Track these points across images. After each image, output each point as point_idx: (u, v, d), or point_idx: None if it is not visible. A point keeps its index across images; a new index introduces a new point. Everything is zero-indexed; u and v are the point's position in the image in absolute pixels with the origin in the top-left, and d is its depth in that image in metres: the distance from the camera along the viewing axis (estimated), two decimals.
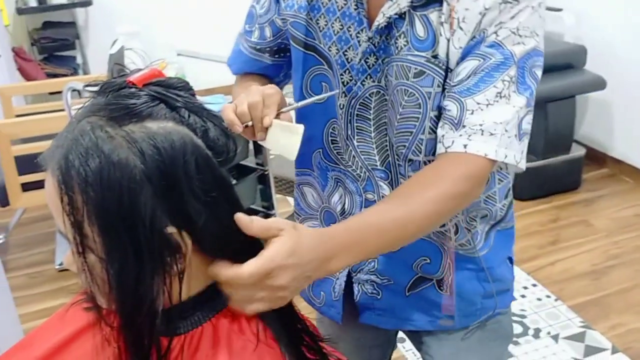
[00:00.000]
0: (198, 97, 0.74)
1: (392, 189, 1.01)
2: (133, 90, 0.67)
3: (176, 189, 0.63)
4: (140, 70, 0.73)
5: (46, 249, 2.90)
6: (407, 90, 0.93)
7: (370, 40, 0.94)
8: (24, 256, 2.89)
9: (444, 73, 0.91)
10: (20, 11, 3.73)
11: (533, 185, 2.98)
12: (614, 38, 3.08)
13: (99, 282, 0.65)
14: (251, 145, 2.31)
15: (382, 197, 1.02)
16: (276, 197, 2.38)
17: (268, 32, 1.07)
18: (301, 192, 1.15)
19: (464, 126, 0.87)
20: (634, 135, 3.14)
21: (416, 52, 0.91)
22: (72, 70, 3.92)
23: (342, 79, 0.98)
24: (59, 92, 2.06)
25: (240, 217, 0.68)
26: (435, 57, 0.90)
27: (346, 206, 1.06)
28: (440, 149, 0.89)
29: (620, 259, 2.61)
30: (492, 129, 0.86)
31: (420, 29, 0.90)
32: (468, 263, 1.07)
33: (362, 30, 0.94)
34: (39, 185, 2.64)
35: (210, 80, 4.17)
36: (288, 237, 0.70)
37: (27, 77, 3.66)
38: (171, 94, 0.67)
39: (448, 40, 0.89)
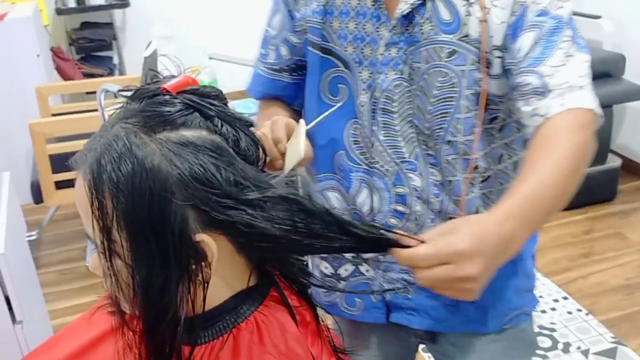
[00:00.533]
0: (230, 101, 0.74)
1: (422, 179, 1.00)
2: (167, 97, 0.67)
3: (208, 196, 0.63)
4: (173, 77, 0.73)
5: (78, 247, 2.95)
6: (441, 71, 0.94)
7: (394, 31, 0.95)
8: (55, 253, 2.94)
9: (477, 50, 0.93)
10: (59, 11, 3.81)
11: None
12: None
13: (124, 287, 0.66)
14: None
15: (414, 189, 1.01)
16: None
17: (284, 51, 1.08)
18: (324, 198, 1.14)
19: (551, 90, 0.87)
20: None
21: (444, 35, 0.93)
22: (109, 70, 3.98)
23: (360, 76, 0.99)
24: (95, 92, 2.10)
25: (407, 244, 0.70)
26: (465, 36, 0.93)
27: (375, 204, 1.05)
28: (536, 121, 0.87)
29: None
30: (579, 83, 0.87)
31: (445, 13, 0.93)
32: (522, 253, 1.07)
33: (380, 24, 0.96)
34: (72, 183, 2.67)
35: (242, 83, 4.20)
36: (466, 225, 0.71)
37: (65, 76, 3.73)
38: (205, 103, 0.68)
39: (481, 21, 0.91)
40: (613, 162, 3.06)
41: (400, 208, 1.03)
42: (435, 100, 0.95)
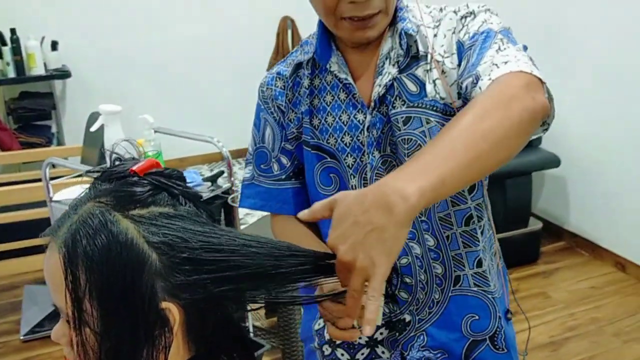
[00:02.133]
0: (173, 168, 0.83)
1: (420, 247, 1.07)
2: (137, 179, 0.76)
3: (176, 266, 0.71)
4: (134, 159, 0.82)
5: (11, 320, 2.88)
6: (405, 138, 1.03)
7: (372, 114, 1.04)
8: None
9: (432, 110, 1.02)
10: None
11: None
12: (567, 119, 3.29)
13: (91, 356, 0.70)
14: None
15: (415, 257, 1.07)
16: None
17: (284, 160, 1.16)
18: None
19: (481, 77, 0.89)
20: (588, 210, 3.31)
21: (411, 104, 1.03)
22: (47, 139, 3.98)
23: (347, 162, 1.08)
24: (33, 162, 2.12)
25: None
26: (423, 100, 1.02)
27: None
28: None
29: (577, 331, 2.71)
30: (506, 59, 0.89)
31: (411, 86, 1.04)
32: (502, 307, 1.13)
33: (357, 112, 1.06)
34: (5, 255, 2.65)
35: (181, 151, 4.28)
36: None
37: (2, 145, 3.71)
38: (171, 183, 0.77)
39: (438, 79, 1.01)
40: (535, 225, 3.27)
41: (407, 280, 1.09)
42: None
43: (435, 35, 1.03)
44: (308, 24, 4.58)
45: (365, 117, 1.05)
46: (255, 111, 1.19)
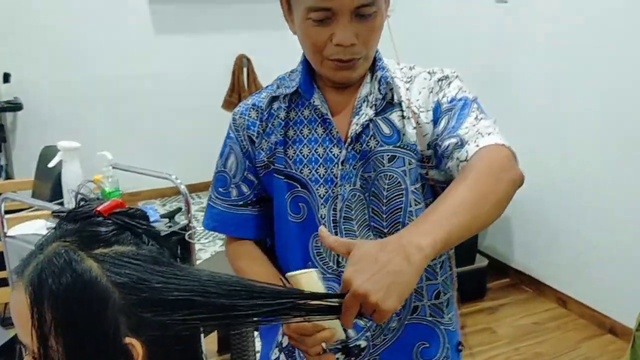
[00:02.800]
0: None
1: None
2: (101, 219, 0.79)
3: (138, 304, 0.75)
4: (98, 199, 0.86)
5: None
6: (387, 175, 1.13)
7: (347, 149, 1.13)
8: None
9: (413, 153, 1.14)
10: None
11: None
12: None
13: None
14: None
15: None
16: None
17: (245, 188, 1.23)
18: None
19: (467, 141, 1.05)
20: (531, 248, 3.44)
21: (386, 146, 1.14)
22: None
23: (318, 192, 1.16)
24: None
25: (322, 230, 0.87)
26: (403, 143, 1.14)
27: None
28: (462, 167, 1.02)
29: None
30: (488, 131, 1.06)
31: (385, 128, 1.14)
32: (454, 339, 1.22)
33: (333, 146, 1.14)
34: None
35: (134, 185, 4.26)
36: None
37: None
38: (134, 223, 0.80)
39: (415, 128, 1.13)
40: (481, 262, 3.38)
41: None
42: (387, 200, 1.14)
43: (408, 89, 1.15)
44: (263, 63, 4.68)
45: (341, 152, 1.14)
46: (225, 137, 1.25)
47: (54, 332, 0.72)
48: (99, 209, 0.81)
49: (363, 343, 1.19)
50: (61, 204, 1.96)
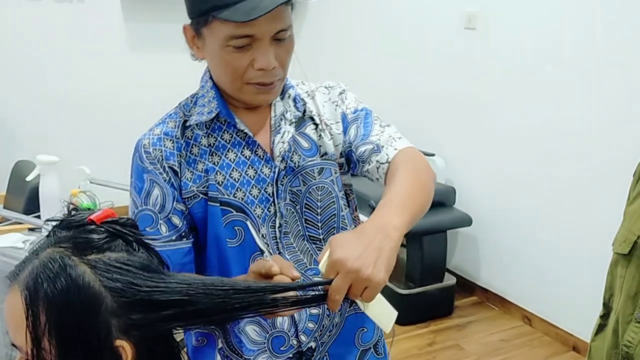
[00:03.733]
0: None
1: None
2: (94, 227, 0.83)
3: (129, 307, 0.78)
4: (89, 209, 0.90)
5: None
6: (319, 186, 1.21)
7: (280, 165, 1.19)
8: None
9: (335, 163, 1.24)
10: None
11: (411, 311, 3.24)
12: (479, 181, 3.53)
13: None
14: None
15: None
16: None
17: (176, 220, 1.17)
18: (245, 334, 1.22)
19: (383, 146, 1.20)
20: (497, 266, 3.53)
21: (309, 159, 1.21)
22: None
23: (255, 213, 1.18)
24: None
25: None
26: (324, 154, 1.23)
27: (295, 317, 1.21)
28: (384, 168, 1.18)
29: None
30: (397, 136, 1.23)
31: (304, 143, 1.22)
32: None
33: (263, 165, 1.19)
34: None
35: (115, 200, 4.23)
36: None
37: None
38: (126, 231, 0.84)
39: (330, 139, 1.23)
40: (449, 280, 3.45)
41: (314, 310, 1.22)
42: (321, 210, 1.22)
43: (314, 104, 1.25)
44: None
45: (271, 171, 1.19)
46: (133, 174, 1.18)
47: (47, 335, 0.75)
48: (91, 217, 0.85)
49: (313, 344, 1.25)
50: (38, 217, 1.97)
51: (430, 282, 3.34)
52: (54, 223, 0.86)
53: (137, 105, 4.55)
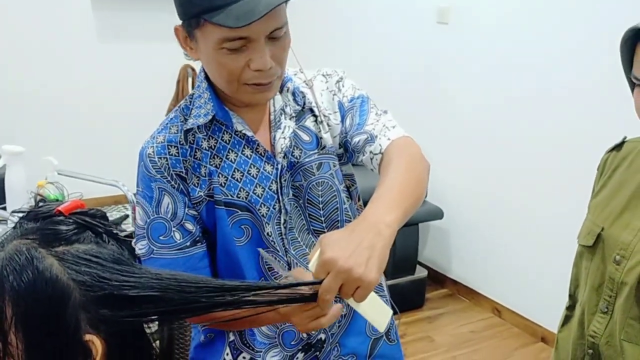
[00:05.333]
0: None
1: None
2: (62, 218, 0.81)
3: (98, 301, 0.77)
4: (57, 200, 0.88)
5: None
6: (319, 181, 1.20)
7: (282, 161, 1.17)
8: None
9: (335, 155, 1.22)
10: None
11: None
12: (450, 176, 3.56)
13: None
14: None
15: None
16: None
17: (190, 226, 1.16)
18: (258, 328, 1.22)
19: (376, 136, 1.17)
20: (468, 259, 3.57)
21: (310, 153, 1.19)
22: None
23: (260, 212, 1.17)
24: None
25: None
26: (323, 148, 1.20)
27: None
28: (377, 159, 1.15)
29: None
30: (392, 124, 1.20)
31: (304, 136, 1.20)
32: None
33: (265, 163, 1.17)
34: None
35: (83, 192, 4.18)
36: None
37: None
38: (95, 222, 0.83)
39: (328, 131, 1.21)
40: (420, 273, 3.48)
41: None
42: (323, 205, 1.20)
43: (313, 94, 1.22)
44: None
45: (274, 168, 1.17)
46: (141, 183, 1.16)
47: (14, 328, 0.73)
48: (59, 208, 0.83)
49: (322, 336, 1.25)
50: (4, 208, 1.94)
51: (402, 275, 3.36)
52: (21, 214, 0.84)
53: (106, 97, 4.49)
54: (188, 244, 1.16)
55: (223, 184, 1.16)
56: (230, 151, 1.16)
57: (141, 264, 0.85)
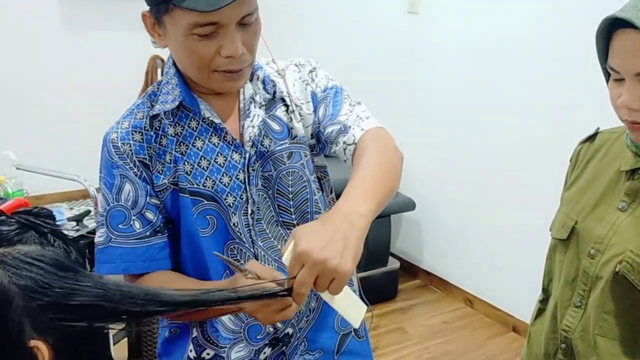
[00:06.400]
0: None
1: None
2: (3, 218, 0.76)
3: (42, 307, 0.72)
4: (1, 198, 0.82)
5: None
6: (289, 171, 1.17)
7: (250, 150, 1.14)
8: None
9: (304, 145, 1.19)
10: None
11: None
12: (422, 166, 3.55)
13: None
14: None
15: None
16: None
17: (150, 215, 1.14)
18: (221, 323, 1.19)
19: (350, 126, 1.15)
20: (440, 250, 3.57)
21: (280, 142, 1.16)
22: None
23: (227, 202, 1.14)
24: None
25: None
26: (294, 138, 1.18)
27: None
28: (351, 150, 1.13)
29: None
30: (366, 115, 1.18)
31: (275, 126, 1.17)
32: None
33: (233, 152, 1.14)
34: None
35: (40, 189, 4.08)
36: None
37: None
38: (39, 222, 0.77)
39: (300, 121, 1.18)
40: (393, 264, 3.47)
41: None
42: (293, 195, 1.17)
43: (285, 83, 1.19)
44: None
45: (241, 157, 1.14)
46: (103, 169, 1.14)
47: None
48: (1, 207, 0.78)
49: (290, 330, 1.22)
50: None
51: (375, 266, 3.34)
52: None
53: (70, 89, 4.38)
54: (148, 233, 1.14)
55: (189, 172, 1.13)
56: (197, 138, 1.14)
57: (85, 270, 0.80)
